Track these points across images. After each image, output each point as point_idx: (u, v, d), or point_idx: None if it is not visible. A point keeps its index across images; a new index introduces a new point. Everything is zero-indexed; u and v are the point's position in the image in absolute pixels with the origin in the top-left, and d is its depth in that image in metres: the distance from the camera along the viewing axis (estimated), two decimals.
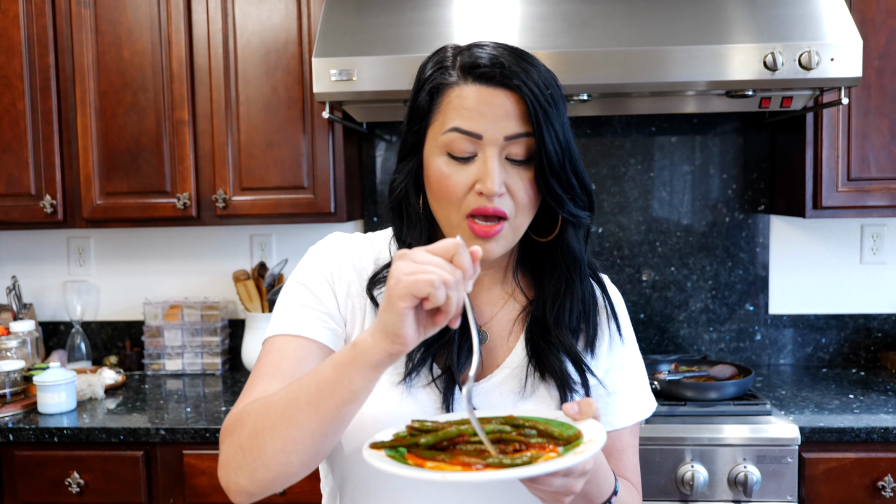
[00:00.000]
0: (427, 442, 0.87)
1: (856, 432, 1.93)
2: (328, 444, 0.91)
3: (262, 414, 0.91)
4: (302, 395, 0.88)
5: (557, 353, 1.05)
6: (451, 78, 1.01)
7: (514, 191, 1.00)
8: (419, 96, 1.04)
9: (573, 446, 0.86)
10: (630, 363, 1.15)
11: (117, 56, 2.35)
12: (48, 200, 2.38)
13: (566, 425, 0.90)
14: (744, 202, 2.60)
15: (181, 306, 2.64)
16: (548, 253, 1.09)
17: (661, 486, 1.94)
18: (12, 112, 2.37)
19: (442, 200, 1.02)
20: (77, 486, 2.05)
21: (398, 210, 1.09)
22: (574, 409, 0.91)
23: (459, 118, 0.99)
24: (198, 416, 2.12)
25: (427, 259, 0.82)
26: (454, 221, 1.01)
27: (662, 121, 2.60)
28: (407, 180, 1.06)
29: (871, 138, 2.22)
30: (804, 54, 1.95)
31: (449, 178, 1.00)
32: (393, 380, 1.03)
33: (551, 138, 0.98)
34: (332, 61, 2.02)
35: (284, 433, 0.88)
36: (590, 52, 1.98)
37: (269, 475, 0.91)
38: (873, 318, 2.61)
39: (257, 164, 2.34)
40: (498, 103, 0.98)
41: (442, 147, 1.00)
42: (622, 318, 1.15)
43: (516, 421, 0.90)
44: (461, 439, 0.87)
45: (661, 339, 2.64)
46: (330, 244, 1.12)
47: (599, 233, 2.62)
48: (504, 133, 0.98)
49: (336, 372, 0.86)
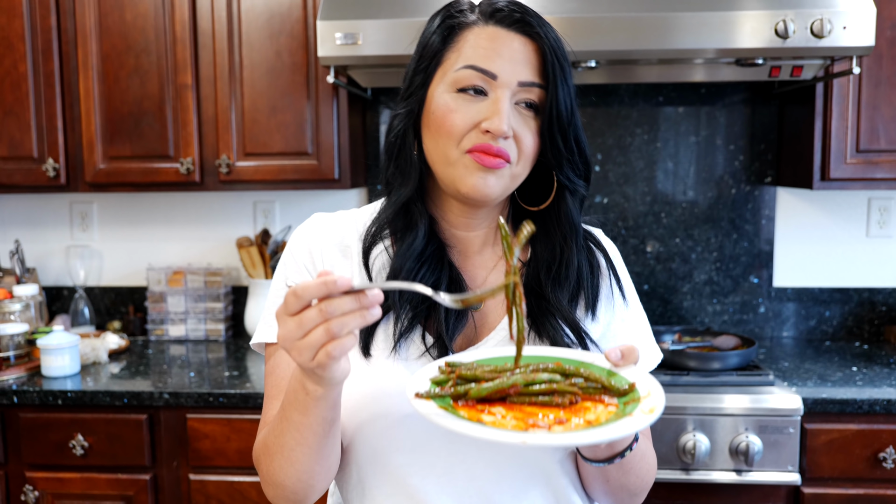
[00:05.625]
0: (478, 394, 0.83)
1: (858, 404, 1.93)
2: (334, 455, 0.97)
3: (268, 458, 0.98)
4: (289, 440, 0.93)
5: (554, 319, 1.03)
6: (470, 18, 1.01)
7: (520, 137, 0.99)
8: (431, 38, 1.03)
9: (632, 400, 0.82)
10: (630, 316, 1.12)
11: (119, 18, 2.32)
12: (51, 164, 2.37)
13: (608, 371, 0.88)
14: (750, 174, 2.58)
15: (184, 272, 2.64)
16: (541, 220, 1.08)
17: (663, 454, 1.94)
18: (14, 74, 2.35)
19: (442, 136, 0.99)
20: (81, 448, 2.06)
21: (391, 152, 1.07)
22: (616, 354, 0.89)
23: (476, 56, 0.98)
24: (201, 381, 2.13)
25: (300, 322, 0.78)
26: (452, 157, 0.99)
27: (670, 90, 2.57)
28: (406, 121, 1.04)
29: (882, 109, 2.20)
30: (816, 22, 1.92)
31: (455, 113, 0.98)
32: (385, 352, 1.01)
33: (564, 94, 0.98)
34: (337, 24, 2.00)
35: (291, 469, 0.95)
36: (598, 17, 1.96)
37: (300, 497, 0.99)
38: (878, 291, 2.60)
39: (261, 130, 2.32)
40: (517, 47, 0.98)
41: (452, 84, 0.99)
42: (622, 274, 1.13)
43: (566, 369, 0.87)
44: (514, 390, 0.84)
45: (664, 311, 2.63)
46: (309, 229, 1.10)
47: (604, 203, 2.61)
48: (519, 78, 0.98)
49: (304, 415, 0.89)
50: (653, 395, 0.82)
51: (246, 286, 2.72)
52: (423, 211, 1.06)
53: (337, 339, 0.77)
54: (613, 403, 0.83)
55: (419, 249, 1.03)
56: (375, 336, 1.02)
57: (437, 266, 1.03)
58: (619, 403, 0.83)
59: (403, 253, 1.03)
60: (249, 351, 2.49)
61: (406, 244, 1.04)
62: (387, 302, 1.01)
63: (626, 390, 0.84)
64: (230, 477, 2.06)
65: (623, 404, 0.82)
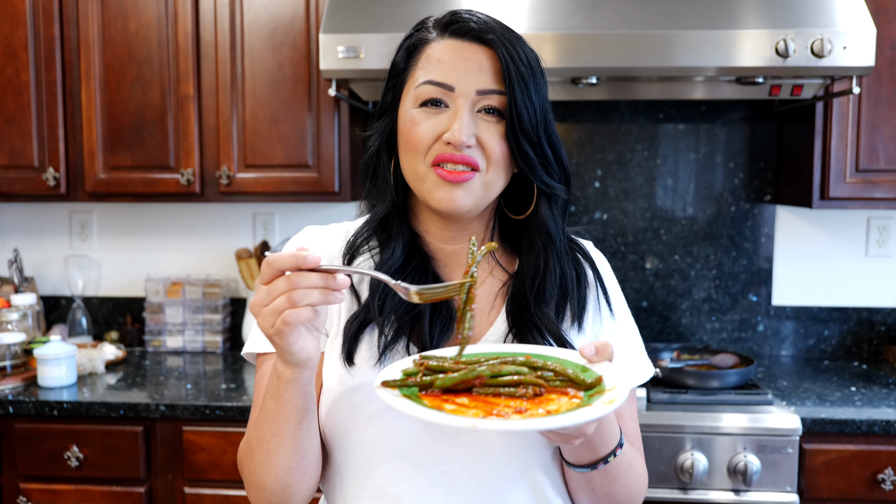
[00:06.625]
0: (443, 384, 0.85)
1: (857, 424, 1.93)
2: (311, 454, 0.99)
3: (249, 455, 1.01)
4: (266, 432, 0.97)
5: (537, 331, 1.03)
6: (430, 35, 1.04)
7: (485, 143, 1.00)
8: (397, 57, 1.06)
9: (597, 392, 0.83)
10: (620, 329, 1.12)
11: (123, 28, 2.33)
12: (51, 173, 2.37)
13: (582, 367, 0.88)
14: (750, 191, 2.59)
15: (183, 283, 2.63)
16: (525, 230, 1.09)
17: (661, 473, 1.94)
18: (16, 83, 2.36)
19: (409, 151, 1.02)
20: (76, 459, 2.05)
21: (367, 170, 1.10)
22: (591, 350, 0.89)
23: (433, 70, 1.01)
24: (198, 393, 2.12)
25: (269, 290, 0.84)
26: (420, 172, 1.01)
27: (670, 107, 2.58)
28: (380, 139, 1.07)
29: (881, 129, 2.20)
30: (816, 41, 1.93)
31: (418, 126, 1.00)
32: (370, 361, 1.01)
33: (523, 98, 0.99)
34: (339, 38, 2.00)
35: (269, 464, 0.98)
36: (599, 34, 1.96)
37: (280, 499, 1.01)
38: (877, 311, 2.60)
39: (262, 141, 2.32)
40: (471, 56, 1.00)
41: (415, 99, 1.02)
42: (610, 287, 1.13)
43: (535, 363, 0.88)
44: (479, 381, 0.85)
45: (663, 328, 2.63)
46: (299, 240, 1.13)
47: (604, 219, 2.61)
48: (476, 87, 0.99)
49: (276, 402, 0.94)
50: (618, 388, 0.82)
51: (244, 298, 2.72)
52: (401, 227, 1.08)
53: (296, 307, 0.83)
54: (578, 396, 0.84)
55: (398, 264, 1.06)
56: (360, 346, 1.03)
57: (420, 279, 1.05)
58: (584, 396, 0.83)
59: (379, 267, 1.06)
60: (247, 363, 2.48)
61: (384, 258, 1.07)
62: (370, 314, 1.03)
63: (592, 383, 0.85)
64: (226, 490, 2.05)
65: (588, 396, 0.83)
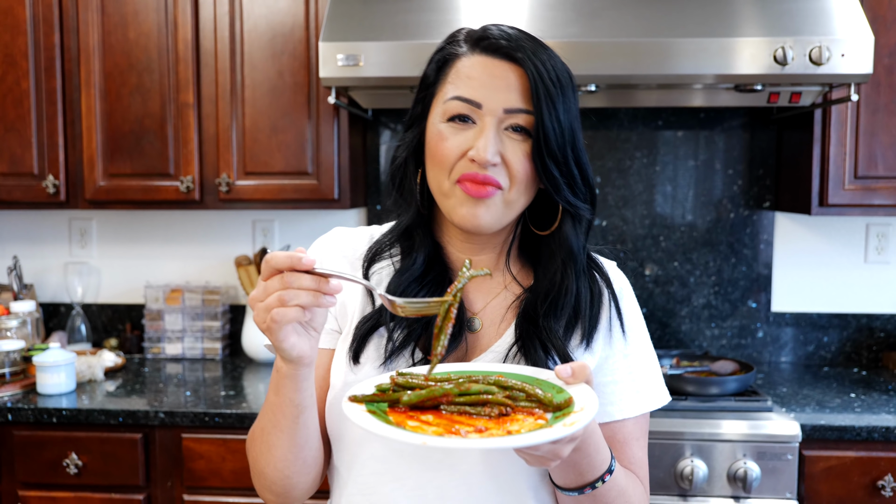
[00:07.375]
0: (409, 401, 0.85)
1: (857, 431, 1.93)
2: (308, 449, 1.01)
3: (253, 443, 1.04)
4: (266, 422, 1.00)
5: (541, 346, 1.02)
6: (460, 49, 1.03)
7: (509, 161, 0.99)
8: (428, 69, 1.06)
9: (563, 414, 0.82)
10: (634, 352, 1.09)
11: (123, 36, 2.33)
12: (51, 181, 2.37)
13: (557, 388, 0.87)
14: (749, 198, 2.59)
15: (182, 290, 2.63)
16: (546, 246, 1.08)
17: (660, 480, 1.93)
18: (16, 91, 2.36)
19: (435, 165, 1.02)
20: (75, 467, 2.04)
21: (394, 180, 1.10)
22: (567, 371, 0.88)
23: (462, 86, 1.00)
24: (197, 400, 2.11)
25: (265, 287, 0.87)
26: (445, 188, 1.02)
27: (669, 115, 2.58)
28: (408, 150, 1.08)
29: (880, 136, 2.21)
30: (815, 49, 1.93)
31: (445, 141, 1.00)
32: (376, 363, 1.03)
33: (551, 118, 0.98)
34: (338, 46, 2.01)
35: (269, 455, 1.01)
36: (598, 42, 1.97)
37: (278, 490, 1.04)
38: (876, 317, 2.60)
39: (261, 149, 2.33)
40: (500, 74, 0.99)
41: (443, 114, 1.02)
42: (626, 309, 1.11)
43: (505, 382, 0.87)
44: (445, 399, 0.85)
45: (662, 334, 2.63)
46: (325, 240, 1.15)
47: (603, 226, 2.61)
48: (504, 105, 0.99)
49: (276, 395, 0.96)
50: (585, 410, 0.81)
51: (244, 305, 2.72)
52: (424, 238, 1.09)
53: (285, 306, 0.85)
54: (545, 417, 0.83)
55: (417, 273, 1.06)
56: (367, 347, 1.04)
57: (438, 290, 1.05)
58: (551, 417, 0.82)
59: (399, 275, 1.06)
60: (246, 370, 2.48)
61: (405, 266, 1.07)
62: (381, 318, 1.04)
63: (560, 404, 0.84)
64: (225, 498, 2.04)
65: (554, 418, 0.82)
